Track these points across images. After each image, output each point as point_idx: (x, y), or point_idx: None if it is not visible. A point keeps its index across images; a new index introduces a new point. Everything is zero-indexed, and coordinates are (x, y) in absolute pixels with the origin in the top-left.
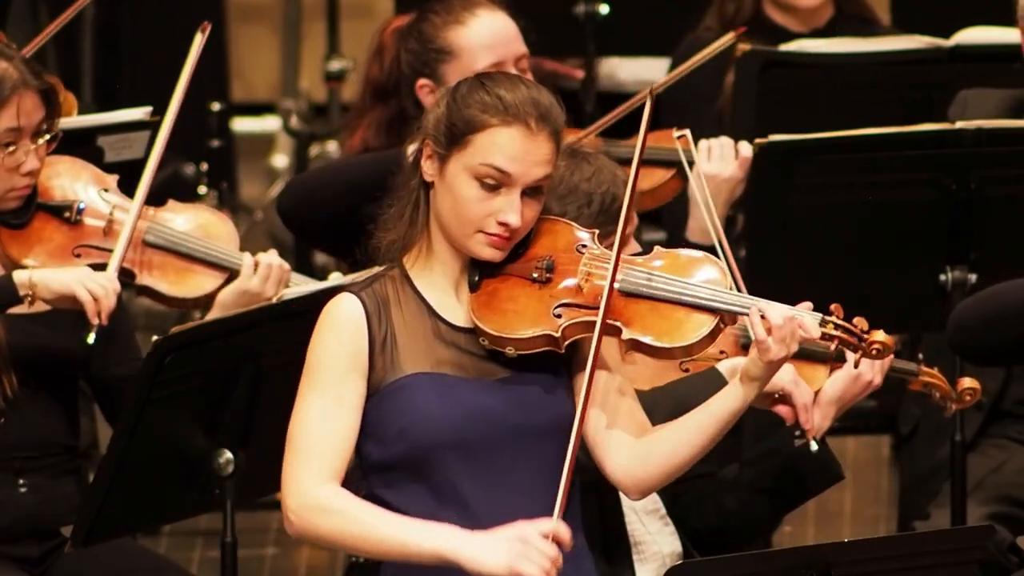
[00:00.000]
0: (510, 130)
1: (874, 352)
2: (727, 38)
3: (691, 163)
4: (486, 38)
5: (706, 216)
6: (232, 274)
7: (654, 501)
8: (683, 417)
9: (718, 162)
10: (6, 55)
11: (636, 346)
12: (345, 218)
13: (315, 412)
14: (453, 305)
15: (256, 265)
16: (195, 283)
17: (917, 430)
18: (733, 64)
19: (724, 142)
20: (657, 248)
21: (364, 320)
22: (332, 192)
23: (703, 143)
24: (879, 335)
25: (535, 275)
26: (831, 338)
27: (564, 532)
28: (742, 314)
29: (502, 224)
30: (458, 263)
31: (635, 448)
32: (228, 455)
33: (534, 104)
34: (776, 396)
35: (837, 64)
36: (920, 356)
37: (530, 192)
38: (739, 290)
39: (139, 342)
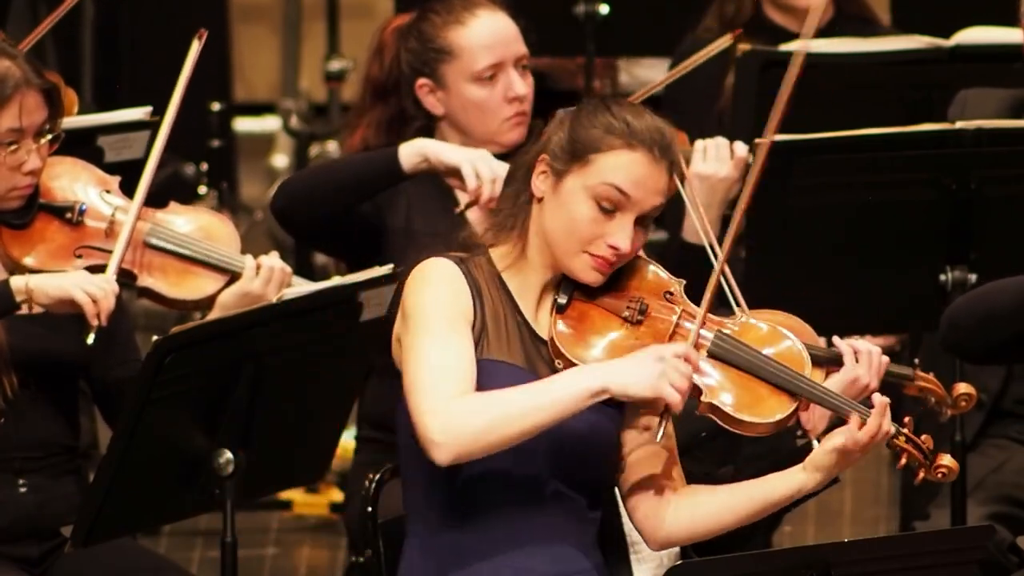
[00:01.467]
0: (635, 154)
1: (939, 475)
2: (724, 40)
3: (687, 163)
4: (486, 38)
5: (696, 218)
6: (233, 276)
7: None
8: (737, 487)
9: (713, 162)
10: (9, 54)
11: (712, 410)
12: (340, 217)
13: (433, 350)
14: (535, 314)
15: (258, 268)
16: (196, 285)
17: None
18: (733, 64)
19: (719, 142)
20: (740, 311)
21: (468, 285)
22: (326, 191)
23: (699, 143)
24: (946, 459)
25: (626, 314)
26: (901, 451)
27: (695, 355)
28: (843, 414)
29: (612, 247)
30: (550, 278)
31: (667, 504)
32: (228, 455)
33: (659, 133)
34: None
35: (837, 64)
36: (916, 361)
37: (641, 221)
38: (732, 293)
39: (139, 342)
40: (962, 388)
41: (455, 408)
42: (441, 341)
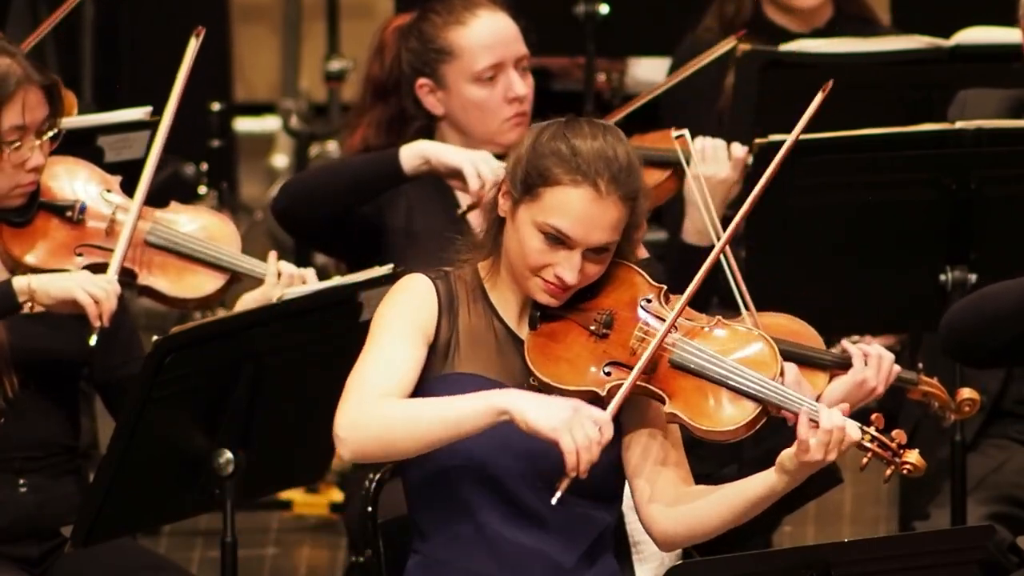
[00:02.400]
0: (578, 191)
1: (905, 470)
2: (727, 42)
3: (688, 163)
4: (486, 38)
5: (706, 217)
6: (233, 275)
7: None
8: (719, 489)
9: (712, 163)
10: (9, 52)
11: (675, 419)
12: (340, 218)
13: (371, 359)
14: (521, 323)
15: (279, 274)
16: (196, 284)
17: (918, 430)
18: (733, 64)
19: (717, 143)
20: (718, 318)
21: (437, 302)
22: (327, 193)
23: (697, 143)
24: (912, 456)
25: (592, 328)
26: (866, 449)
27: (608, 432)
28: (791, 412)
29: (558, 278)
30: (523, 294)
31: (671, 503)
32: (228, 455)
33: (607, 163)
34: None
35: (837, 64)
36: (920, 366)
37: (595, 251)
38: (740, 292)
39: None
40: (965, 393)
41: (365, 408)
42: (384, 349)
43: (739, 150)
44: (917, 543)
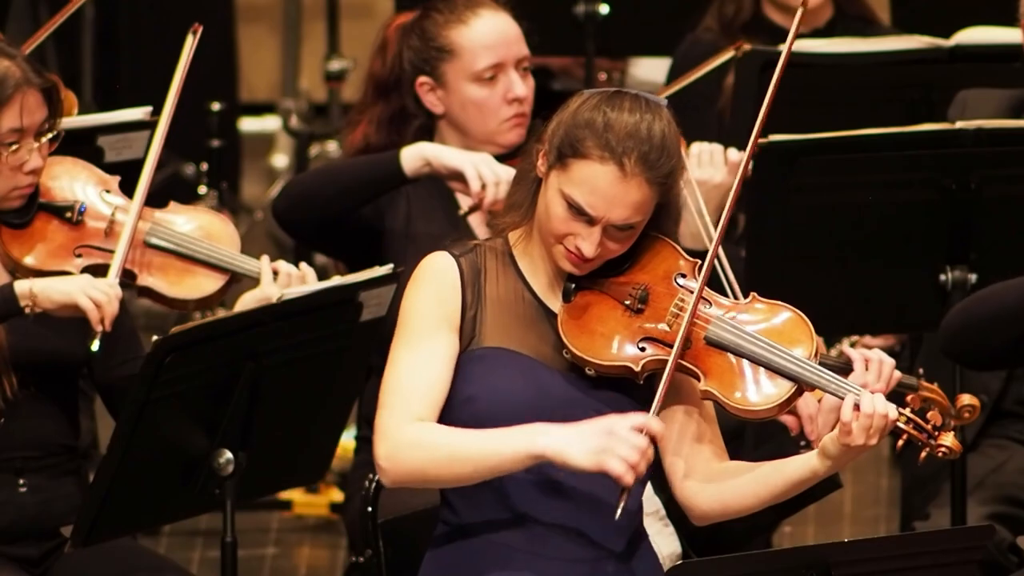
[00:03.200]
0: (603, 168)
1: (940, 453)
2: (726, 54)
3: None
4: (487, 38)
5: (698, 221)
6: (233, 275)
7: (654, 502)
8: (757, 467)
9: (708, 168)
10: (8, 54)
11: (709, 396)
12: (341, 220)
13: (404, 364)
14: (551, 293)
15: (276, 273)
16: (196, 284)
17: None
18: (733, 64)
19: (714, 148)
20: (754, 295)
21: (459, 280)
22: (328, 194)
23: (694, 148)
24: (948, 439)
25: (627, 302)
26: (900, 432)
27: (656, 426)
28: (838, 396)
29: (577, 248)
30: (552, 261)
31: (706, 479)
32: (228, 455)
33: (639, 142)
34: None
35: (837, 64)
36: (920, 371)
37: (616, 228)
38: (732, 290)
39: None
40: (965, 400)
41: (404, 438)
42: (413, 355)
43: (735, 155)
44: (917, 543)
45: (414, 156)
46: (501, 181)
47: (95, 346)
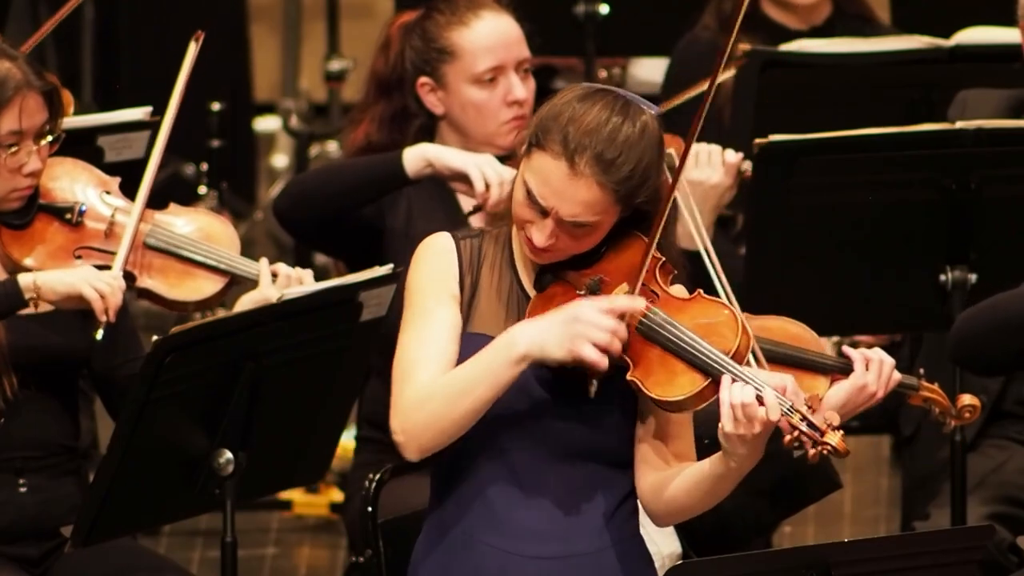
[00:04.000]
0: (555, 163)
1: (825, 451)
2: (730, 73)
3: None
4: (488, 40)
5: (690, 222)
6: (233, 277)
7: None
8: (689, 467)
9: (705, 169)
10: (9, 56)
11: (634, 387)
12: (342, 220)
13: (412, 341)
14: (532, 283)
15: (275, 275)
16: (195, 286)
17: (919, 431)
18: (732, 64)
19: (711, 149)
20: (699, 292)
21: (456, 259)
22: (329, 194)
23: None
24: (834, 438)
25: (581, 292)
26: (793, 429)
27: (623, 303)
28: (718, 374)
29: (529, 238)
30: None
31: (655, 481)
32: (228, 455)
33: (597, 142)
34: None
35: (837, 64)
36: (921, 371)
37: (573, 224)
38: (724, 288)
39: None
40: (966, 400)
41: (407, 404)
42: (418, 331)
43: (732, 156)
44: (917, 543)
45: (416, 157)
46: (504, 181)
47: (99, 335)
